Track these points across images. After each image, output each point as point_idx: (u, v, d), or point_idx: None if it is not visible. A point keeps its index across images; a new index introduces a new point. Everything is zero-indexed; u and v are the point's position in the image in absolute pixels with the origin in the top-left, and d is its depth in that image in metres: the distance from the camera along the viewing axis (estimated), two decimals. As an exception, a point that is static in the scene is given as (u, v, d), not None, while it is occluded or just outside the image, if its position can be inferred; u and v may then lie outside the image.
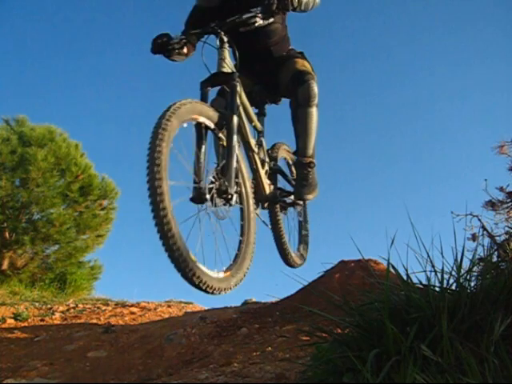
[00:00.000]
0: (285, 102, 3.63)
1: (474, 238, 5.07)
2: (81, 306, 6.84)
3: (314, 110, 3.26)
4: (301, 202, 3.91)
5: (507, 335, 1.59)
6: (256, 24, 2.91)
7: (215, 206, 2.44)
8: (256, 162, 3.24)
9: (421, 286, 1.87)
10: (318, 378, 1.71)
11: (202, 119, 2.49)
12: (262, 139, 3.52)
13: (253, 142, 3.21)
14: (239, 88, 2.83)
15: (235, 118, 2.66)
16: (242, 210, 2.73)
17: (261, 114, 3.69)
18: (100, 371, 3.38)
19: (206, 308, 6.32)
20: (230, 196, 2.48)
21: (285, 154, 3.91)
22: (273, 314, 4.24)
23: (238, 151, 2.64)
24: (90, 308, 6.56)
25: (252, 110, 3.31)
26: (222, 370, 2.41)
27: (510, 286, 1.71)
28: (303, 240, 4.07)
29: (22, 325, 5.61)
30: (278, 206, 3.56)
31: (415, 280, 1.89)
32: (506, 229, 5.08)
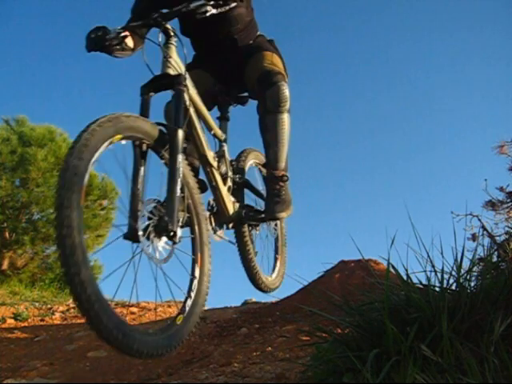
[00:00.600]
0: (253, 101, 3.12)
1: (473, 237, 5.08)
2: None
3: (284, 117, 2.83)
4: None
5: (507, 335, 1.59)
6: (207, 13, 2.43)
7: (152, 245, 1.99)
8: (215, 179, 2.77)
9: (421, 286, 1.87)
10: (318, 378, 1.71)
11: (134, 135, 2.02)
12: (225, 149, 3.04)
13: (211, 155, 2.74)
14: (186, 94, 2.37)
15: (180, 133, 2.18)
16: (193, 240, 2.27)
17: (223, 119, 3.20)
18: (100, 371, 3.38)
19: (206, 308, 6.33)
20: (172, 233, 2.03)
21: (256, 161, 3.45)
22: (273, 313, 4.24)
23: (185, 170, 2.20)
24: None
25: (210, 116, 2.87)
26: (222, 370, 2.41)
27: (510, 285, 1.71)
28: (279, 261, 3.61)
29: (22, 325, 5.62)
30: (245, 226, 3.10)
31: (415, 280, 1.90)
32: (506, 229, 5.09)
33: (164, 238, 2.04)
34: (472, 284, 1.85)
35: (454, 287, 1.82)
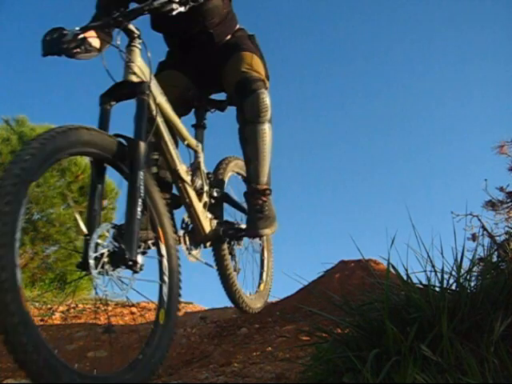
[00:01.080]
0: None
1: (474, 238, 5.08)
2: (81, 306, 6.83)
3: (265, 128, 2.61)
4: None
5: (507, 335, 1.59)
6: (174, 12, 2.17)
7: (106, 276, 1.76)
8: (189, 195, 2.55)
9: (421, 286, 1.87)
10: (318, 378, 1.71)
11: (87, 151, 1.77)
12: (200, 160, 2.80)
13: (183, 168, 2.50)
14: (153, 103, 2.16)
15: (142, 146, 1.91)
16: (160, 264, 2.00)
17: (199, 126, 2.92)
18: (100, 371, 3.38)
19: (206, 308, 6.32)
20: (130, 263, 1.79)
21: (238, 170, 3.19)
22: (273, 313, 4.23)
23: (150, 187, 1.98)
24: (89, 308, 6.56)
25: (183, 124, 2.61)
26: (222, 370, 2.40)
27: (510, 285, 1.71)
28: (264, 277, 3.41)
29: (22, 325, 5.61)
30: (224, 244, 2.87)
31: (415, 280, 1.90)
32: (506, 229, 5.09)
33: (121, 269, 1.78)
34: (472, 284, 1.85)
35: (454, 287, 1.82)
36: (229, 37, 2.83)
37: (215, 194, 2.84)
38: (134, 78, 2.11)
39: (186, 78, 2.82)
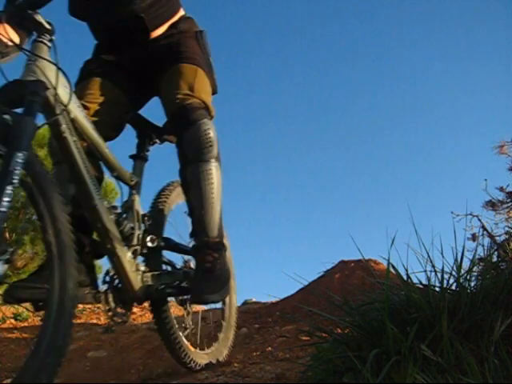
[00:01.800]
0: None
1: (473, 237, 5.10)
2: (81, 305, 6.83)
3: (211, 168, 2.10)
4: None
5: (507, 335, 1.59)
6: None
7: None
8: (111, 241, 1.95)
9: (421, 286, 1.87)
10: (317, 378, 1.71)
11: None
12: (135, 198, 2.25)
13: (103, 206, 1.92)
14: (63, 119, 1.73)
15: (27, 122, 1.52)
16: (48, 300, 1.61)
17: (138, 158, 2.39)
18: (100, 371, 3.38)
19: (206, 308, 6.32)
20: None
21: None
22: (273, 314, 4.24)
23: (46, 188, 1.56)
24: (89, 308, 6.55)
25: (110, 152, 2.05)
26: (222, 370, 2.40)
27: (510, 285, 1.72)
28: (223, 327, 2.85)
29: (22, 325, 5.62)
30: (166, 304, 2.31)
31: (415, 280, 1.90)
32: (506, 229, 5.10)
33: None
34: (472, 284, 1.85)
35: (454, 287, 1.82)
36: (167, 27, 2.28)
37: (150, 244, 2.21)
38: (32, 76, 1.64)
39: (116, 90, 2.23)
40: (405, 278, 1.88)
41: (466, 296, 1.70)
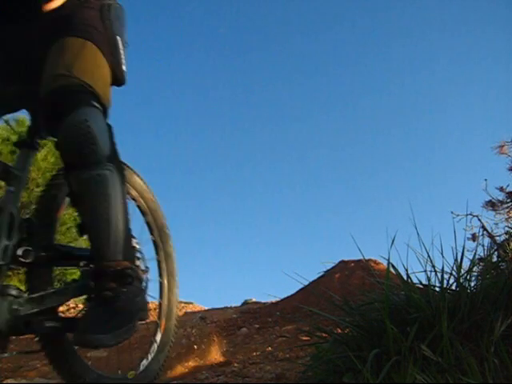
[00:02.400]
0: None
1: (474, 237, 5.09)
2: (81, 305, 6.83)
3: (101, 174, 1.56)
4: None
5: (507, 335, 1.59)
6: None
7: None
8: None
9: (421, 286, 1.87)
10: (318, 378, 1.71)
11: None
12: (10, 196, 1.73)
13: None
14: None
15: None
16: None
17: (24, 146, 1.90)
18: (100, 371, 3.38)
19: (206, 308, 6.33)
20: None
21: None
22: (273, 314, 4.24)
23: None
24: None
25: None
26: (222, 370, 2.41)
27: (510, 285, 1.72)
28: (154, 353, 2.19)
29: None
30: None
31: (415, 280, 1.90)
32: (506, 229, 5.10)
33: None
34: (472, 284, 1.85)
35: (454, 287, 1.82)
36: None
37: (23, 259, 1.64)
38: None
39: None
40: (405, 277, 1.88)
41: (465, 296, 1.70)
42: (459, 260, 1.87)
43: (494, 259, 2.23)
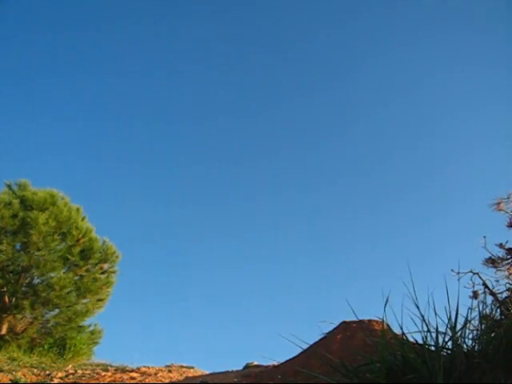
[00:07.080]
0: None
1: (475, 295, 5.06)
2: (80, 371, 6.71)
3: None
4: None
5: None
6: None
7: None
8: None
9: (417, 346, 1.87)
10: None
11: None
12: None
13: None
14: None
15: None
16: None
17: None
18: None
19: (208, 372, 6.21)
20: None
21: None
22: (274, 377, 4.17)
23: None
24: (89, 374, 6.44)
25: None
26: None
27: (506, 344, 1.72)
28: None
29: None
30: None
31: (412, 339, 1.90)
32: (508, 286, 5.07)
33: None
34: (468, 342, 1.85)
35: (450, 345, 1.83)
36: None
37: None
38: None
39: None
40: (400, 337, 1.89)
41: (461, 355, 1.71)
42: (453, 319, 1.88)
43: (497, 316, 2.23)
